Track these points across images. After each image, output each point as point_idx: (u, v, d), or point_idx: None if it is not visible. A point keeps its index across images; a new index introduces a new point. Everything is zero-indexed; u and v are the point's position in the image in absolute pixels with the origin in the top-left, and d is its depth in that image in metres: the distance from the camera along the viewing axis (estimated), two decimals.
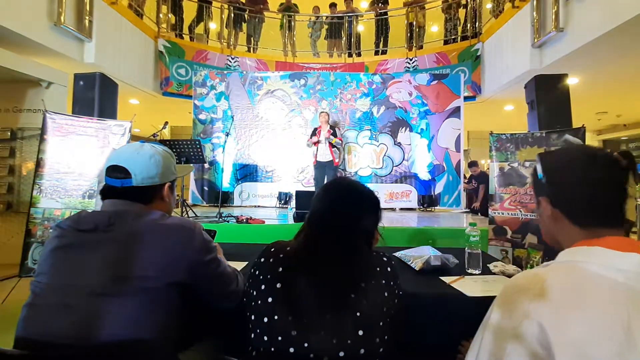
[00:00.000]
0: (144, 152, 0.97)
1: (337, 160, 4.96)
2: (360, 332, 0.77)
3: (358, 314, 0.78)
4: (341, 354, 0.75)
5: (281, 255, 0.87)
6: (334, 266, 0.84)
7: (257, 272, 0.87)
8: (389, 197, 5.48)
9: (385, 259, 0.90)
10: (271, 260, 0.87)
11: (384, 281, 0.85)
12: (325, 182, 4.52)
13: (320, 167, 4.92)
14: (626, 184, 0.65)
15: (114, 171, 0.94)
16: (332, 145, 4.85)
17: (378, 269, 0.87)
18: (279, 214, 4.49)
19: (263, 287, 0.83)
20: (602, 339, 0.50)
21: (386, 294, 0.83)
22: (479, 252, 1.45)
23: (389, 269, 0.88)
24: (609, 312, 0.52)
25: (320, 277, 0.82)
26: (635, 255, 0.56)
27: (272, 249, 0.90)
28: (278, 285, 0.82)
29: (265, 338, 0.79)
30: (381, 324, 0.80)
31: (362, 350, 0.76)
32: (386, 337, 0.80)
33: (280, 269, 0.84)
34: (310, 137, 5.03)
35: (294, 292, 0.81)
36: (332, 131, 4.91)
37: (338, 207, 0.92)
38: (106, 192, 0.96)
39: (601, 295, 0.53)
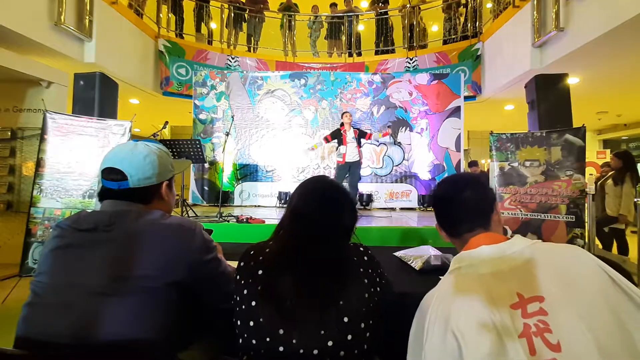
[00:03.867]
0: (138, 152, 0.96)
1: (362, 160, 4.84)
2: (346, 319, 0.79)
3: (341, 302, 0.80)
4: (330, 343, 0.77)
5: (260, 258, 0.88)
6: (317, 263, 0.85)
7: (238, 277, 0.88)
8: (389, 197, 5.47)
9: (362, 248, 0.93)
10: (251, 263, 0.88)
11: (362, 269, 0.87)
12: (346, 181, 4.47)
13: (345, 166, 4.69)
14: (483, 196, 0.83)
15: (110, 173, 0.93)
16: (359, 145, 4.70)
17: (355, 258, 0.89)
18: (279, 213, 4.49)
19: (245, 291, 0.84)
20: (482, 318, 0.62)
21: (366, 281, 0.86)
22: None
23: (365, 258, 0.90)
24: (479, 298, 0.65)
25: (304, 274, 0.84)
26: (481, 247, 0.74)
27: (252, 252, 0.91)
28: (259, 288, 0.83)
29: (254, 341, 0.80)
30: (364, 309, 0.82)
31: (350, 337, 0.78)
32: (371, 322, 0.83)
33: (260, 272, 0.85)
34: (331, 137, 4.79)
35: (277, 292, 0.82)
36: (358, 132, 4.77)
37: (323, 207, 0.94)
38: (104, 195, 0.95)
39: (468, 287, 0.68)
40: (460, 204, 0.83)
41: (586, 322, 0.58)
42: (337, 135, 4.75)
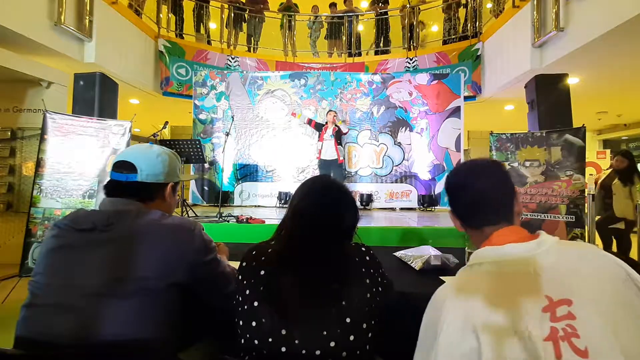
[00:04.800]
0: (152, 150, 1.00)
1: (341, 158, 4.93)
2: (348, 320, 0.79)
3: (343, 302, 0.80)
4: (332, 344, 0.77)
5: (262, 258, 0.88)
6: (318, 263, 0.85)
7: (240, 277, 0.88)
8: (389, 197, 5.47)
9: (363, 249, 0.92)
10: (253, 263, 0.88)
11: (363, 269, 0.87)
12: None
13: (325, 165, 4.88)
14: (505, 184, 0.77)
15: (121, 167, 0.95)
16: (337, 142, 4.84)
17: (357, 259, 0.89)
18: (279, 213, 4.49)
19: (247, 291, 0.84)
20: (505, 319, 0.59)
21: (368, 281, 0.85)
22: None
23: (367, 258, 0.90)
24: (502, 298, 0.62)
25: (305, 274, 0.83)
26: (508, 246, 0.69)
27: (253, 252, 0.91)
28: (261, 288, 0.83)
29: (256, 342, 0.79)
30: (366, 309, 0.82)
31: (352, 337, 0.78)
32: (373, 322, 0.83)
33: (263, 272, 0.85)
34: (315, 125, 5.11)
35: (279, 292, 0.82)
36: (337, 129, 4.91)
37: (325, 206, 0.94)
38: (110, 187, 0.96)
39: (491, 286, 0.65)
40: (480, 196, 0.76)
41: (612, 326, 0.56)
42: (319, 128, 5.00)
